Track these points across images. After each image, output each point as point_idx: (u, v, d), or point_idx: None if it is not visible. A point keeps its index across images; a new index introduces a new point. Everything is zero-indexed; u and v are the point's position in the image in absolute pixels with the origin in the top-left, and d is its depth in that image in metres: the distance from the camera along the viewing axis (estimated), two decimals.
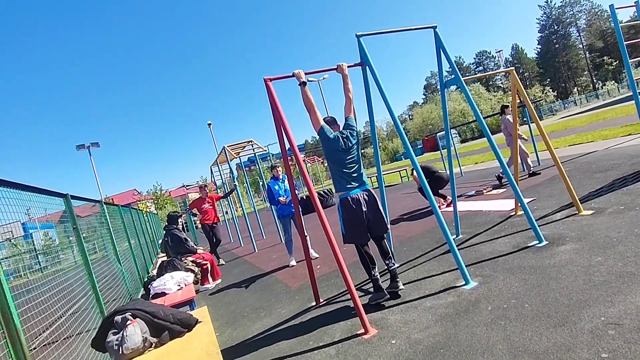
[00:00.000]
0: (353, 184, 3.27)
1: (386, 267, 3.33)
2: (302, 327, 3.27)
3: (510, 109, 7.65)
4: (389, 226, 3.43)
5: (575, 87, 64.49)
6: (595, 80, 61.59)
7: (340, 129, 3.45)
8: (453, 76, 4.01)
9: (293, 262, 5.81)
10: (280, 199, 5.75)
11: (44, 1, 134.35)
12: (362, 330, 2.78)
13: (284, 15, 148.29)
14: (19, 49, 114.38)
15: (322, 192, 13.86)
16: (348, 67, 3.62)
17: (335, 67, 3.58)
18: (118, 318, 2.27)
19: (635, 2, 5.43)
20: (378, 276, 3.27)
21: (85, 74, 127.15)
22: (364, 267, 3.34)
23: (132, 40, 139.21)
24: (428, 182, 5.03)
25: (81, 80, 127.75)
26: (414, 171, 4.18)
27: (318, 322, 3.26)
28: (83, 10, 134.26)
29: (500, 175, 7.83)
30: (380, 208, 3.35)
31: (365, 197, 3.27)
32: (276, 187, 5.87)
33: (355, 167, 3.30)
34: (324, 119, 3.45)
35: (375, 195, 3.37)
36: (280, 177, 6.05)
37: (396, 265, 3.41)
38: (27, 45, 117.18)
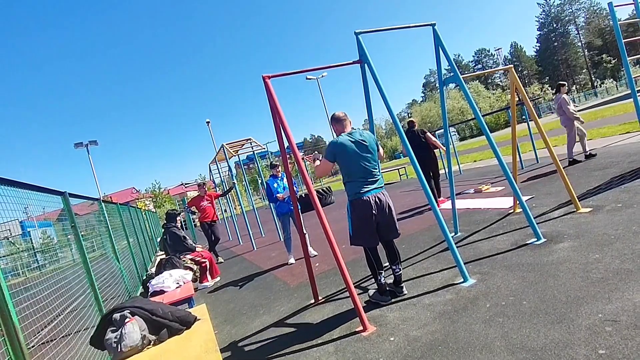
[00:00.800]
0: (365, 187, 3.04)
1: (391, 271, 3.25)
2: (300, 324, 3.28)
3: (567, 87, 7.26)
4: (399, 231, 3.26)
5: (574, 85, 64.53)
6: (593, 79, 61.71)
7: (350, 127, 3.27)
8: (452, 74, 4.01)
9: (292, 260, 5.82)
10: (278, 195, 5.75)
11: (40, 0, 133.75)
12: (361, 328, 2.79)
13: (284, 14, 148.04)
14: (17, 47, 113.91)
15: (321, 190, 13.87)
16: (347, 64, 3.60)
17: (334, 64, 3.52)
18: (117, 316, 2.28)
19: (633, 0, 5.42)
20: (384, 282, 3.20)
21: (84, 72, 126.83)
22: (370, 271, 3.23)
23: (131, 38, 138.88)
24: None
25: (79, 78, 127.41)
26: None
27: (317, 319, 3.27)
28: (81, 9, 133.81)
29: (574, 158, 7.18)
30: (393, 212, 3.15)
31: (377, 199, 3.06)
32: (275, 185, 5.87)
33: (367, 168, 3.08)
34: (333, 115, 3.29)
35: (389, 198, 3.17)
36: (280, 175, 6.05)
37: (402, 270, 3.28)
38: (25, 44, 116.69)
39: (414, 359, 2.22)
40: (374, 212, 3.05)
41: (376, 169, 3.15)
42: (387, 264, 3.35)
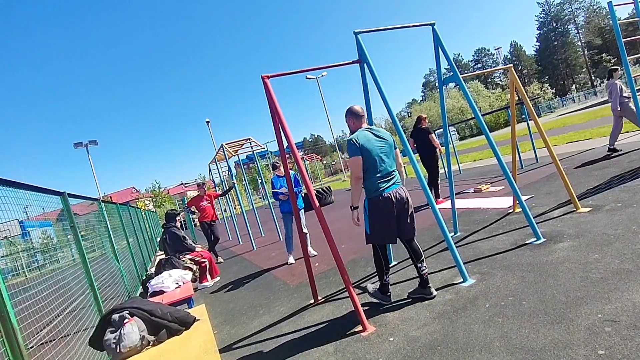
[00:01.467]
0: (385, 183, 2.97)
1: (417, 270, 3.11)
2: (300, 324, 3.27)
3: (620, 72, 7.02)
4: (416, 231, 3.15)
5: (574, 85, 64.54)
6: (593, 78, 61.62)
7: (366, 123, 3.22)
8: (451, 73, 4.01)
9: (291, 260, 5.82)
10: (280, 196, 5.80)
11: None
12: (360, 328, 2.79)
13: (284, 14, 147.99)
14: (17, 47, 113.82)
15: (320, 189, 13.86)
16: (346, 64, 3.60)
17: (334, 64, 3.52)
18: (116, 316, 2.27)
19: (633, 0, 5.41)
20: (389, 281, 3.18)
21: (84, 72, 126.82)
22: (377, 269, 3.18)
23: (131, 38, 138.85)
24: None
25: (79, 78, 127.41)
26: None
27: (316, 319, 3.27)
28: (81, 9, 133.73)
29: (610, 147, 6.92)
30: (412, 209, 3.08)
31: (398, 195, 2.98)
32: (279, 186, 5.90)
33: (386, 165, 2.99)
34: (351, 109, 3.18)
35: (408, 195, 3.09)
36: (283, 174, 6.08)
37: (427, 269, 3.13)
38: (25, 44, 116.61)
39: (413, 359, 2.22)
40: (395, 208, 2.97)
41: (393, 165, 3.10)
42: (393, 263, 3.31)
